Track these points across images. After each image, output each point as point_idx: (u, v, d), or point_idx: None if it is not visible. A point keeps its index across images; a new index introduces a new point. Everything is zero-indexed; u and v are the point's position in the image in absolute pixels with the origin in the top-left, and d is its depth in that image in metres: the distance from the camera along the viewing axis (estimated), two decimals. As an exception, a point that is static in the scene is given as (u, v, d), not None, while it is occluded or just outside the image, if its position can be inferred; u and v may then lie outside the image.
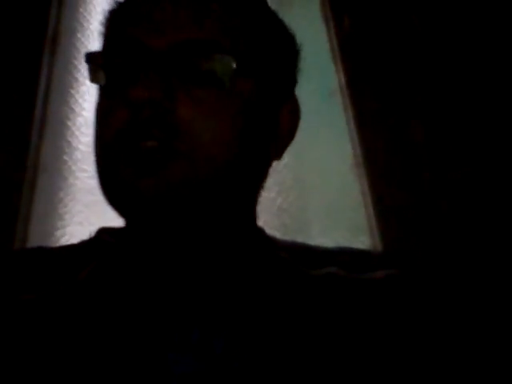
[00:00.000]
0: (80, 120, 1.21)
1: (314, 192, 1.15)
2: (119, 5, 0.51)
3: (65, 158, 1.17)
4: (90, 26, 1.31)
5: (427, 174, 1.12)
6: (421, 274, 0.54)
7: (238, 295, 0.48)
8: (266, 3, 0.55)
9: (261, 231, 0.55)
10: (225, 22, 0.48)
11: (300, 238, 1.11)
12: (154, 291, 0.48)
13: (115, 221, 1.14)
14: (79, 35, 1.30)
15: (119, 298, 0.48)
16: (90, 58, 0.50)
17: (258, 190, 0.53)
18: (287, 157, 0.64)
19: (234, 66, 0.47)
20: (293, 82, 0.56)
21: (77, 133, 1.20)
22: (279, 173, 1.14)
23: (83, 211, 1.10)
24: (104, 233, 0.56)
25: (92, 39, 1.30)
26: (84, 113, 1.21)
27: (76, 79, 1.25)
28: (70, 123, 1.21)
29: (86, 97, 1.23)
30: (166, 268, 0.49)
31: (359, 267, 0.52)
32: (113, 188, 0.48)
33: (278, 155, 0.55)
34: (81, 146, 1.18)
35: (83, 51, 1.28)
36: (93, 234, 0.57)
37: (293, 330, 0.46)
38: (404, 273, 0.53)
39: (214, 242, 0.51)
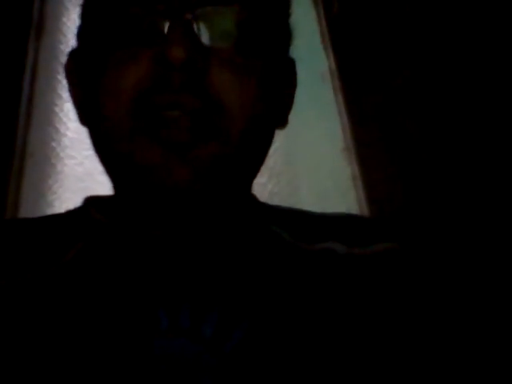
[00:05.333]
0: (68, 106, 1.19)
1: (305, 176, 1.15)
2: None
3: (53, 144, 1.16)
4: (76, 10, 1.29)
5: (419, 159, 1.12)
6: (420, 249, 0.52)
7: (227, 274, 0.46)
8: None
9: (255, 199, 0.53)
10: None
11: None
12: (144, 271, 0.46)
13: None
14: (65, 19, 1.28)
15: (107, 281, 0.45)
16: (97, 11, 0.45)
17: (264, 159, 0.51)
18: (278, 141, 0.63)
19: (256, 22, 0.44)
20: (290, 39, 0.53)
21: (64, 119, 1.18)
22: (270, 157, 1.13)
23: (72, 198, 1.09)
24: (92, 205, 0.52)
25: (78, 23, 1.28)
26: (71, 98, 1.20)
27: (62, 64, 1.23)
28: (57, 109, 1.19)
29: (73, 82, 1.21)
30: (158, 248, 0.47)
31: (357, 240, 0.49)
32: (136, 170, 0.44)
33: (285, 123, 0.53)
34: (69, 133, 1.17)
35: (69, 36, 1.26)
36: (80, 204, 0.53)
37: (284, 311, 0.44)
38: (404, 246, 0.50)
39: (212, 218, 0.48)
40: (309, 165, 1.16)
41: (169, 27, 0.42)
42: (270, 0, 0.48)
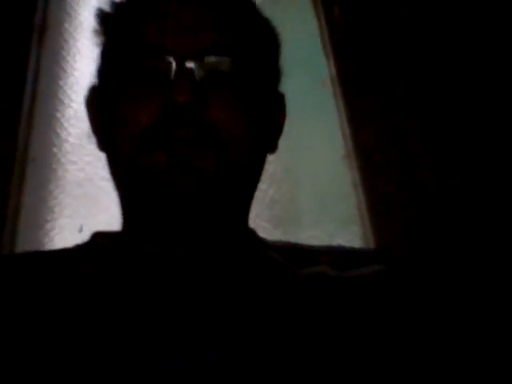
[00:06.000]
0: (69, 111, 1.20)
1: (306, 183, 1.15)
2: (133, 4, 0.55)
3: (54, 150, 1.16)
4: (78, 17, 1.30)
5: (418, 165, 1.13)
6: (406, 268, 0.56)
7: (227, 297, 0.49)
8: (256, 8, 0.61)
9: (253, 233, 0.58)
10: (235, 29, 0.54)
11: (291, 229, 1.11)
12: (148, 293, 0.49)
13: (104, 213, 1.14)
14: (67, 26, 1.29)
15: (115, 299, 0.49)
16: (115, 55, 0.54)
17: (256, 187, 0.57)
18: (278, 148, 0.64)
19: (246, 67, 0.53)
20: (279, 78, 0.60)
21: (66, 124, 1.19)
22: (270, 164, 1.13)
23: (73, 204, 1.09)
24: (99, 237, 0.58)
25: (80, 30, 1.29)
26: (73, 104, 1.20)
27: (64, 70, 1.24)
28: (58, 115, 1.20)
29: (74, 88, 1.22)
30: (162, 270, 0.51)
31: (347, 265, 0.55)
32: (145, 175, 0.51)
33: (275, 148, 0.60)
34: (70, 138, 1.17)
35: (71, 42, 1.27)
36: (88, 239, 0.58)
37: (280, 328, 0.48)
38: (389, 268, 0.55)
39: (211, 244, 0.53)
40: (309, 171, 1.16)
41: (174, 73, 0.50)
42: (261, 49, 0.56)
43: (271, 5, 1.34)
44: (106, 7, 0.57)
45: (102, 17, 0.57)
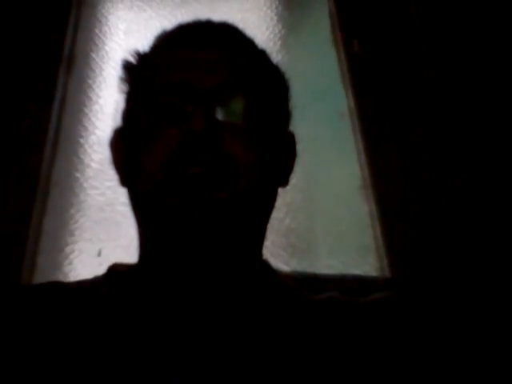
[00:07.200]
0: (93, 138, 1.22)
1: (322, 213, 1.16)
2: (159, 55, 0.60)
3: (77, 174, 1.18)
4: (104, 47, 1.34)
5: (437, 196, 1.13)
6: (415, 296, 0.59)
7: (237, 326, 0.51)
8: (267, 54, 0.64)
9: (266, 264, 0.60)
10: (247, 71, 0.57)
11: (307, 258, 1.12)
12: (157, 321, 0.52)
13: (124, 238, 1.15)
14: (94, 56, 1.33)
15: (123, 324, 0.52)
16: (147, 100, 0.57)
17: (268, 219, 0.59)
18: (296, 177, 0.65)
19: (257, 105, 0.56)
20: (289, 117, 0.63)
21: (89, 150, 1.21)
22: (288, 193, 1.15)
23: (93, 228, 1.11)
24: (117, 266, 0.61)
25: (106, 59, 1.32)
26: (97, 131, 1.23)
27: (89, 98, 1.27)
28: (82, 141, 1.22)
29: (98, 115, 1.25)
30: (174, 299, 0.54)
31: (358, 291, 0.58)
32: (162, 212, 0.54)
33: (286, 182, 0.62)
34: (93, 164, 1.20)
35: (97, 71, 1.31)
36: (106, 271, 0.61)
37: (292, 356, 0.49)
38: (397, 294, 0.58)
39: (224, 274, 0.55)
40: (326, 202, 1.17)
41: (192, 109, 0.54)
42: (271, 89, 0.59)
43: (292, 39, 1.37)
44: (131, 58, 0.61)
45: (127, 67, 0.61)
